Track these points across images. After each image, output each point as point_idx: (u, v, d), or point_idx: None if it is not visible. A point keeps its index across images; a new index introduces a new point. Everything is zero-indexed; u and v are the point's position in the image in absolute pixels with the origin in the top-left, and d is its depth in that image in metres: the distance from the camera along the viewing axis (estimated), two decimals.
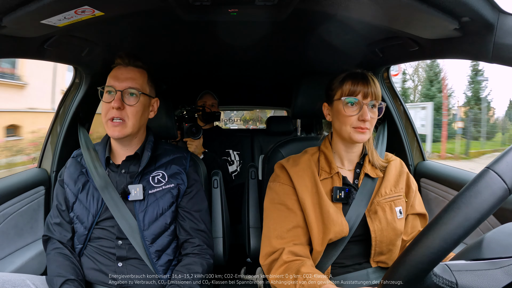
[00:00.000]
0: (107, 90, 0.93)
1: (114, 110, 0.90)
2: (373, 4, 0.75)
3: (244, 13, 0.92)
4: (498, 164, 0.38)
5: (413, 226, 0.94)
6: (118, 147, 0.99)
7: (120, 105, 0.90)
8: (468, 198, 0.38)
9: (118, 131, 0.91)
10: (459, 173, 1.23)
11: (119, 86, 0.92)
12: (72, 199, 0.96)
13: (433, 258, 0.39)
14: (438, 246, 0.38)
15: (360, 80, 0.86)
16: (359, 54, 1.27)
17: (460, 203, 0.39)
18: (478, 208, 0.37)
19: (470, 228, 0.38)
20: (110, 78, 0.94)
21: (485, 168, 0.39)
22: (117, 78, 0.93)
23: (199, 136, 1.68)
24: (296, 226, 0.86)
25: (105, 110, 0.92)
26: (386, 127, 1.15)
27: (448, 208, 0.39)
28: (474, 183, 0.39)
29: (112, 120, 0.91)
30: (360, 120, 0.85)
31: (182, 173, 1.01)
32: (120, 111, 0.91)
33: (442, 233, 0.38)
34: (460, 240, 0.38)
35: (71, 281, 0.86)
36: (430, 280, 0.41)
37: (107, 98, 0.92)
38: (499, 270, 0.43)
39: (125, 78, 0.93)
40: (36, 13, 0.72)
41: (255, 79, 2.07)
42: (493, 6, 0.67)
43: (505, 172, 0.38)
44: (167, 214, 0.95)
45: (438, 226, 0.39)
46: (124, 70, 0.94)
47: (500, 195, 0.37)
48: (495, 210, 0.38)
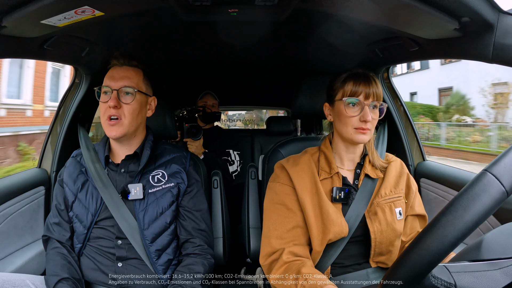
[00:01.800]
0: (103, 90, 0.94)
1: (111, 109, 0.91)
2: (373, 4, 0.75)
3: (244, 13, 0.92)
4: (496, 167, 0.38)
5: (412, 227, 0.94)
6: (118, 146, 1.00)
7: (116, 103, 0.91)
8: (466, 201, 0.38)
9: (115, 130, 0.92)
10: (459, 173, 1.23)
11: (115, 85, 0.93)
12: (71, 198, 0.96)
13: (430, 261, 0.39)
14: (436, 248, 0.38)
15: (362, 81, 0.85)
16: (359, 54, 1.27)
17: (458, 206, 0.39)
18: (475, 211, 0.38)
19: (468, 231, 0.38)
20: (106, 79, 0.95)
21: (483, 170, 0.39)
22: (113, 78, 0.94)
23: (199, 137, 1.68)
24: (296, 226, 0.86)
25: (102, 110, 0.93)
26: (386, 127, 1.15)
27: (446, 210, 0.39)
28: (472, 185, 0.39)
29: (110, 119, 0.92)
30: (361, 121, 0.85)
31: (182, 172, 1.01)
32: (117, 109, 0.92)
33: (439, 236, 0.38)
34: (457, 242, 0.38)
35: (65, 280, 0.86)
36: (429, 282, 0.41)
37: (103, 98, 0.93)
38: (498, 271, 0.43)
39: (121, 77, 0.94)
40: (36, 13, 0.72)
41: (255, 79, 2.07)
42: (493, 6, 0.67)
43: (502, 175, 0.38)
44: (167, 213, 0.95)
45: (436, 228, 0.39)
46: (120, 69, 0.96)
47: (497, 198, 0.37)
48: (492, 213, 0.38)
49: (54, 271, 0.88)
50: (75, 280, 0.88)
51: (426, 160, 1.42)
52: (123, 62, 0.96)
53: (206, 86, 2.07)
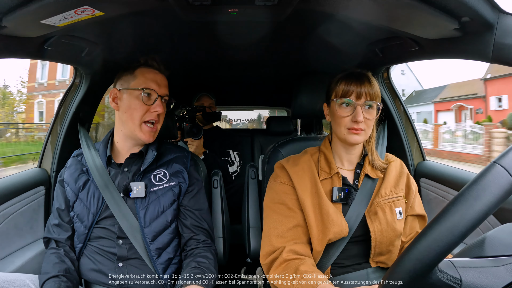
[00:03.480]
0: (147, 92, 0.95)
1: (152, 113, 0.95)
2: (373, 4, 0.75)
3: (244, 13, 0.92)
4: (505, 158, 0.39)
5: (412, 227, 0.94)
6: (126, 146, 1.00)
7: (163, 110, 0.97)
8: (476, 191, 0.38)
9: (152, 135, 0.97)
10: (459, 173, 1.22)
11: (160, 92, 0.97)
12: (72, 198, 0.96)
13: (439, 252, 0.39)
14: (446, 239, 0.38)
15: (353, 81, 0.86)
16: (359, 54, 1.27)
17: (468, 196, 0.39)
18: (486, 201, 0.38)
19: (478, 221, 0.38)
20: (149, 81, 0.96)
21: (492, 162, 0.39)
22: (157, 83, 0.97)
23: (199, 136, 1.68)
24: (296, 225, 0.86)
25: (141, 112, 0.94)
26: (386, 127, 1.15)
27: (455, 201, 0.39)
28: (481, 177, 0.39)
29: (148, 124, 0.95)
30: (353, 121, 0.85)
31: (184, 171, 1.01)
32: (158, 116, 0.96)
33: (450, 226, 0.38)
34: (468, 232, 0.38)
35: (53, 278, 0.85)
36: (435, 276, 0.41)
37: (146, 100, 0.95)
38: (502, 268, 0.43)
39: (164, 85, 0.99)
40: (36, 13, 0.71)
41: (255, 79, 2.06)
42: (493, 6, 0.67)
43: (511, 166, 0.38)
44: (168, 212, 0.95)
45: (446, 218, 0.39)
46: (161, 76, 0.99)
47: (507, 188, 0.38)
48: (502, 203, 0.38)
49: (45, 270, 0.88)
50: (66, 277, 0.87)
51: (426, 160, 1.42)
52: (163, 70, 1.00)
53: (205, 86, 2.07)
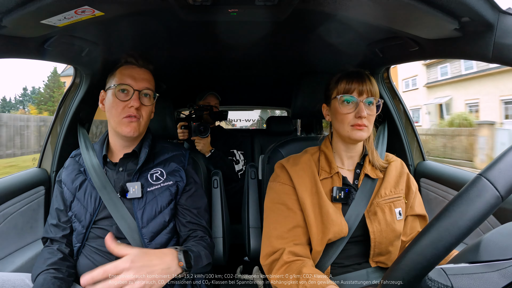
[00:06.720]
0: (121, 88, 0.94)
1: (131, 109, 0.93)
2: (373, 4, 0.75)
3: (244, 13, 0.92)
4: (491, 171, 0.38)
5: (412, 227, 0.94)
6: (119, 145, 1.00)
7: (139, 104, 0.93)
8: (460, 207, 0.38)
9: (133, 129, 0.94)
10: (459, 173, 1.22)
11: (137, 86, 0.94)
12: (70, 198, 0.96)
13: (425, 265, 0.39)
14: (430, 253, 0.39)
15: (354, 78, 0.87)
16: (359, 54, 1.27)
17: (452, 211, 0.39)
18: (470, 216, 0.37)
19: (462, 236, 0.38)
20: (125, 77, 0.95)
21: (477, 175, 0.39)
22: (134, 78, 0.95)
23: (206, 134, 1.69)
24: (296, 226, 0.86)
25: (119, 108, 0.93)
26: (386, 127, 1.15)
27: (440, 216, 0.39)
28: (467, 190, 0.39)
29: (129, 117, 0.93)
30: (357, 117, 0.85)
31: (181, 170, 1.01)
32: (137, 110, 0.94)
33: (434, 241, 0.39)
34: (451, 248, 0.38)
35: (42, 272, 0.85)
36: (425, 285, 0.41)
37: (122, 97, 0.94)
38: (495, 273, 0.43)
39: (142, 79, 0.96)
40: (36, 13, 0.71)
41: (255, 79, 2.07)
42: (493, 6, 0.67)
43: (497, 179, 0.37)
44: (166, 212, 0.95)
45: (430, 234, 0.39)
46: (139, 70, 0.97)
47: (492, 203, 0.37)
48: (487, 218, 0.38)
49: (36, 267, 0.88)
50: (55, 269, 0.86)
51: (426, 160, 1.42)
52: (142, 64, 0.98)
53: (205, 85, 2.07)
